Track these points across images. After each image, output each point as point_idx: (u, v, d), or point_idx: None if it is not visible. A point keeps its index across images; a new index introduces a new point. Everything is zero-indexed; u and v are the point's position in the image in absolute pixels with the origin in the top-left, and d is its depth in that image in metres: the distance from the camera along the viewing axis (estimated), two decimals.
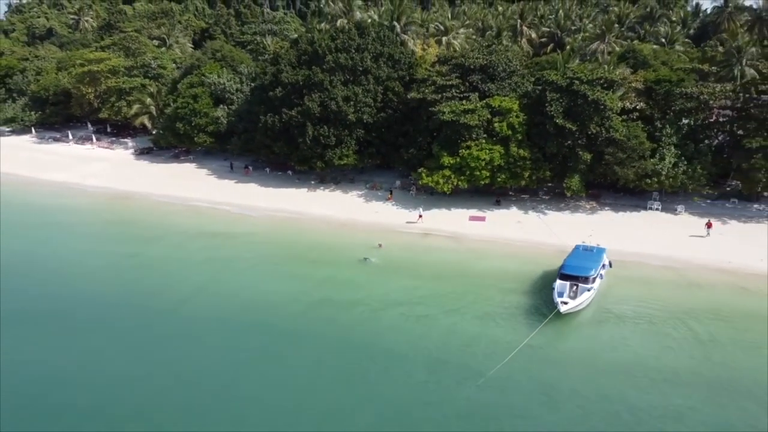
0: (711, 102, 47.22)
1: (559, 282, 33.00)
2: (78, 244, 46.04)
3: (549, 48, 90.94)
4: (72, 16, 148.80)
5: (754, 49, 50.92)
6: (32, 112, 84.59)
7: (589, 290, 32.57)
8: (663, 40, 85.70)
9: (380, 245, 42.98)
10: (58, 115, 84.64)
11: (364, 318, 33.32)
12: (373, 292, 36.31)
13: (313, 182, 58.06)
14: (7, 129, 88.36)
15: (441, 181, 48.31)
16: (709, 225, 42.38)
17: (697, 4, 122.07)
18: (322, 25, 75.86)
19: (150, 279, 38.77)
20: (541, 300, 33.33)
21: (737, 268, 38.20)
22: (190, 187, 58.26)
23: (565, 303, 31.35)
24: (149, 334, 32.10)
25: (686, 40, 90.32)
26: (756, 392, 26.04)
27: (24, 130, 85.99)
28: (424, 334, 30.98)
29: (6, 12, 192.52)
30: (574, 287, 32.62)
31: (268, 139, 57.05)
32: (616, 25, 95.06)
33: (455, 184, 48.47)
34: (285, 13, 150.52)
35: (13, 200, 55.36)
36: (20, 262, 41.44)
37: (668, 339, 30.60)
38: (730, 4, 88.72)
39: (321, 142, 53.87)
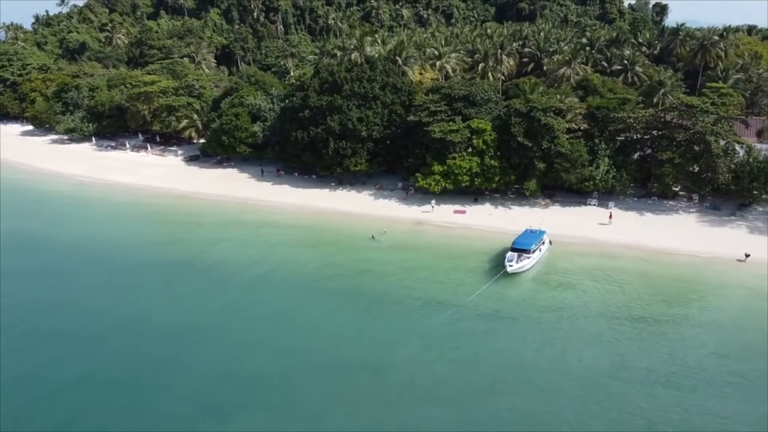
0: (635, 124, 62.79)
1: (510, 252, 48.69)
2: (161, 226, 62.35)
3: (530, 67, 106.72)
4: (106, 34, 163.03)
5: (670, 82, 66.50)
6: (90, 124, 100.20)
7: (529, 258, 48.31)
8: (626, 62, 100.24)
9: (385, 232, 58.55)
10: (113, 126, 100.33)
11: (371, 273, 49.20)
12: (377, 258, 52.29)
13: (333, 184, 73.52)
14: (66, 137, 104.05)
15: (433, 183, 63.89)
16: (611, 216, 58.15)
17: (664, 27, 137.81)
18: (337, 54, 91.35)
19: (214, 246, 55.31)
20: (497, 264, 49.03)
21: (642, 246, 53.68)
22: (236, 187, 73.87)
23: (512, 266, 47.03)
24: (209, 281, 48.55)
25: (646, 61, 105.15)
26: (639, 321, 41.33)
27: (82, 139, 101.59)
28: (413, 283, 46.78)
29: (33, 23, 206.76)
30: (520, 256, 48.28)
31: (298, 150, 72.64)
32: (588, 47, 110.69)
33: (443, 186, 63.96)
34: (296, 30, 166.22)
35: (106, 198, 71.78)
36: (126, 237, 57.68)
37: (584, 288, 46.14)
38: (681, 32, 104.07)
39: (340, 153, 69.43)
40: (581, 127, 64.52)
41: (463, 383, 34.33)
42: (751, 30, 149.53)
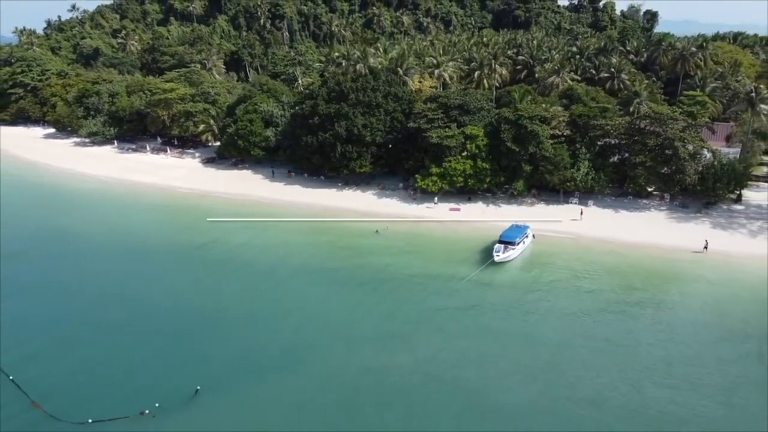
0: (612, 131, 69.79)
1: (497, 244, 55.80)
2: (193, 222, 69.34)
3: (523, 74, 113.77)
4: (120, 40, 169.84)
5: (646, 92, 73.58)
6: (111, 128, 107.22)
7: (514, 250, 55.42)
8: (612, 70, 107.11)
9: (387, 227, 65.64)
10: (133, 130, 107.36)
11: (376, 263, 56.15)
12: (381, 247, 59.37)
13: (339, 184, 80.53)
14: (88, 140, 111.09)
15: (430, 183, 70.97)
16: (581, 212, 65.20)
17: (650, 35, 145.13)
18: (342, 63, 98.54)
19: (240, 238, 62.12)
20: (486, 254, 56.11)
21: (615, 239, 60.63)
22: (252, 187, 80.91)
23: (498, 255, 54.13)
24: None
25: (632, 69, 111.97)
26: (605, 300, 48.51)
27: (104, 142, 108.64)
28: (413, 270, 53.80)
29: (45, 28, 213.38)
30: (506, 247, 55.37)
31: (308, 153, 79.69)
32: (578, 56, 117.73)
33: (440, 186, 71.04)
34: (301, 37, 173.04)
35: (133, 198, 78.93)
36: (161, 232, 64.76)
37: (561, 274, 53.20)
38: (663, 44, 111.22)
39: (346, 156, 76.48)
40: (564, 133, 71.57)
41: (457, 350, 41.30)
42: (736, 37, 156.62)
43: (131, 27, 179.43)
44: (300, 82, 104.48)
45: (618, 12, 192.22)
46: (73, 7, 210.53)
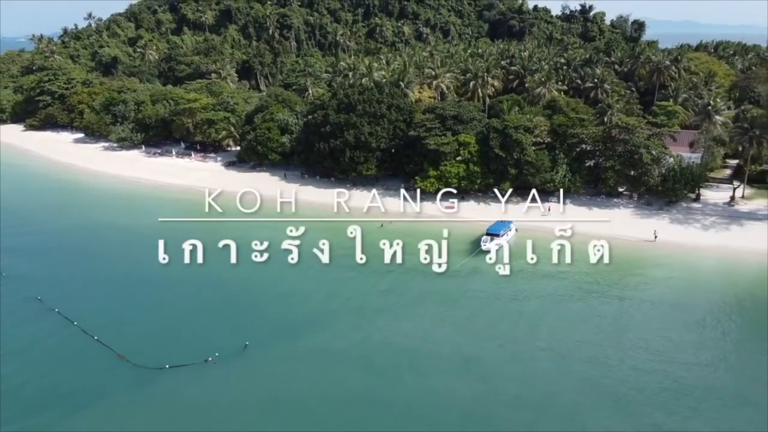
0: (587, 139, 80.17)
1: (484, 236, 66.26)
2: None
3: (515, 83, 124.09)
4: (138, 49, 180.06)
5: (618, 105, 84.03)
6: (138, 134, 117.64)
7: (499, 240, 65.84)
8: (596, 80, 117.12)
9: (391, 222, 75.81)
10: (158, 136, 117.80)
11: (380, 252, 66.24)
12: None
13: (348, 185, 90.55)
14: (116, 145, 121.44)
15: (428, 185, 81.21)
16: (549, 209, 75.43)
17: (634, 46, 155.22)
18: (349, 74, 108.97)
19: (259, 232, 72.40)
20: (475, 245, 66.57)
21: (587, 233, 70.44)
22: (268, 188, 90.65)
23: (485, 245, 64.56)
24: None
25: (615, 79, 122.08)
26: (573, 277, 59.01)
27: (131, 146, 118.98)
28: (414, 256, 63.73)
29: (61, 36, 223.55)
30: (492, 239, 65.78)
31: (320, 158, 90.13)
32: (565, 66, 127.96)
33: (437, 187, 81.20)
34: (307, 46, 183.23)
35: (168, 196, 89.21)
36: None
37: (538, 261, 62.80)
38: (642, 57, 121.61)
39: (354, 161, 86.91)
40: (545, 141, 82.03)
41: (452, 318, 52.01)
42: (718, 46, 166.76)
43: (147, 37, 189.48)
44: (310, 92, 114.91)
45: (608, 21, 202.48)
46: (89, 15, 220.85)
